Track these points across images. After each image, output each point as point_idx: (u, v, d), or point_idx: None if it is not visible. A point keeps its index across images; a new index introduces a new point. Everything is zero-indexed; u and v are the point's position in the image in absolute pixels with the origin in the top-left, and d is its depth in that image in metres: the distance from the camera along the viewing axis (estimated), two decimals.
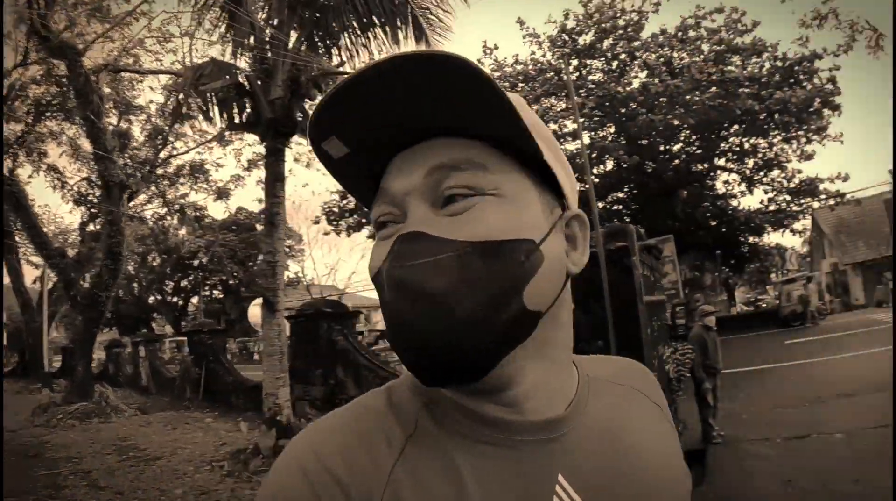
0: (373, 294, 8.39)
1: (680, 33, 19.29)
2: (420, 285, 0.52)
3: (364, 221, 22.05)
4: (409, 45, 7.92)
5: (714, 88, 17.62)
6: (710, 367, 7.37)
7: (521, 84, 19.12)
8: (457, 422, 0.59)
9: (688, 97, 17.85)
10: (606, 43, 19.03)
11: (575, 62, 19.25)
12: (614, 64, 19.51)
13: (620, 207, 23.50)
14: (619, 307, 6.26)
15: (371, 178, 0.61)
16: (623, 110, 19.07)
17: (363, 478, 0.54)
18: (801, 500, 4.89)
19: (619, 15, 18.86)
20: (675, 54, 19.53)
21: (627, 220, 23.00)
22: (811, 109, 18.34)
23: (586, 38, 19.22)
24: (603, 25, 18.74)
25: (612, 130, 20.44)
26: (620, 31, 18.83)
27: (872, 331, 14.73)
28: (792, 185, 21.95)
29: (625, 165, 19.65)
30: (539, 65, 19.43)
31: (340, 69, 8.20)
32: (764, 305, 30.38)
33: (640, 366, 0.80)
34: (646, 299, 6.59)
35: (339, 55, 8.47)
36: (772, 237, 28.36)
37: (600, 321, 6.30)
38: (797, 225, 24.79)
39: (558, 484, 0.58)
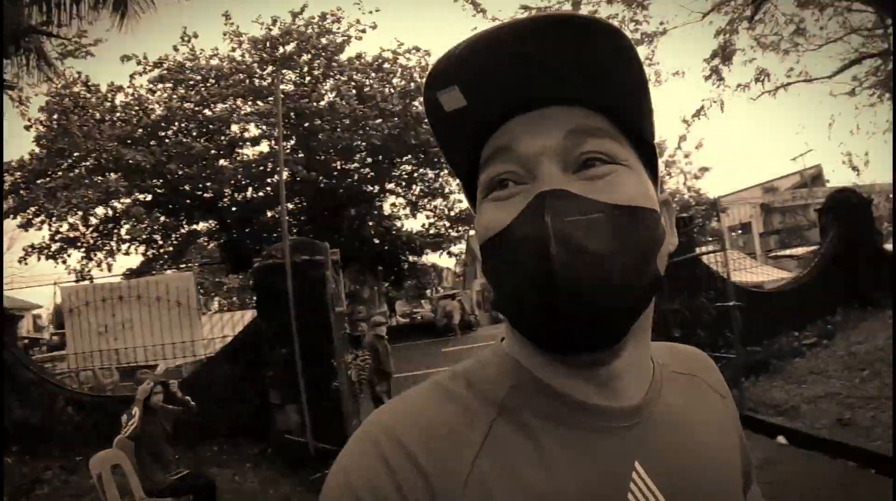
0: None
1: (376, 63, 20.21)
2: (579, 241, 0.49)
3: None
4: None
5: (396, 119, 18.94)
6: (382, 372, 7.92)
7: (211, 80, 18.33)
8: (544, 405, 0.57)
9: (371, 123, 18.84)
10: (305, 57, 19.14)
11: (270, 69, 19.05)
12: (307, 79, 19.75)
13: (289, 218, 23.53)
14: (306, 317, 6.34)
15: (470, 138, 0.59)
16: (307, 124, 19.39)
17: (446, 465, 0.52)
18: None
19: (323, 33, 19.18)
20: (367, 81, 20.37)
21: (295, 231, 23.27)
22: None
23: (287, 49, 19.10)
24: (306, 40, 18.94)
25: (293, 142, 20.58)
26: (321, 50, 19.19)
27: None
28: (452, 213, 24.47)
29: (298, 178, 19.86)
30: (235, 63, 18.77)
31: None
32: (419, 317, 33.19)
33: (703, 355, 0.78)
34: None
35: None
36: (430, 257, 31.30)
37: (284, 329, 6.30)
38: (454, 248, 27.71)
39: (635, 471, 0.57)
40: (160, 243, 21.17)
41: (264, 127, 19.41)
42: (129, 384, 7.37)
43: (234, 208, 21.73)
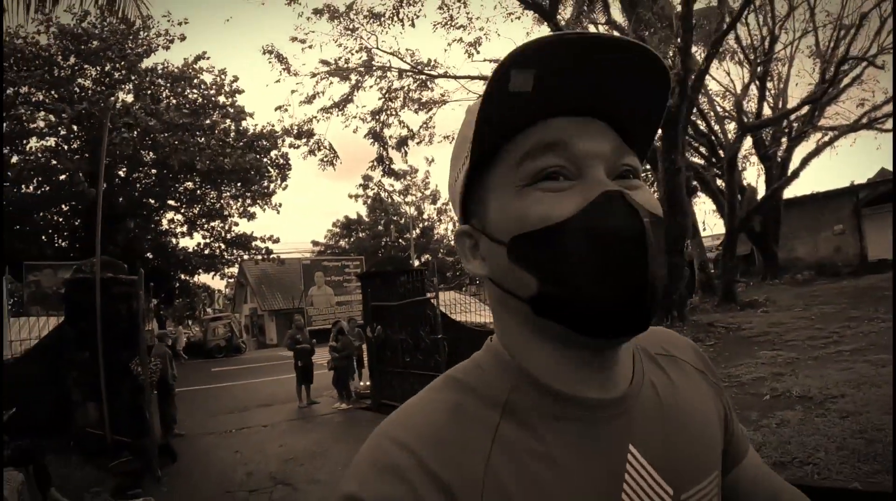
0: None
1: (172, 77, 20.38)
2: (656, 239, 0.56)
3: None
4: None
5: (184, 135, 19.28)
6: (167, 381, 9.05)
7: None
8: (543, 404, 0.61)
9: (159, 136, 18.93)
10: (110, 54, 18.78)
11: (72, 60, 18.33)
12: (106, 79, 19.26)
13: (62, 221, 22.33)
14: (110, 327, 7.30)
15: (504, 119, 0.59)
16: (97, 126, 18.72)
17: (461, 472, 0.55)
18: (245, 463, 6.95)
19: (129, 36, 18.96)
20: (165, 92, 20.46)
21: (65, 237, 22.09)
22: (262, 176, 21.94)
23: (92, 45, 18.53)
24: (112, 40, 18.45)
25: (82, 142, 19.99)
26: (124, 53, 18.85)
27: (282, 364, 17.82)
28: (229, 236, 24.76)
29: (76, 181, 19.00)
30: (35, 48, 17.81)
31: None
32: (189, 338, 32.48)
33: (678, 335, 0.83)
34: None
35: None
36: (202, 278, 30.77)
37: (87, 335, 7.20)
38: (227, 270, 27.94)
39: (629, 453, 0.62)
40: None
41: (52, 118, 18.72)
42: None
43: (4, 202, 19.97)
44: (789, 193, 21.99)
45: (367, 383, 11.15)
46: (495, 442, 0.58)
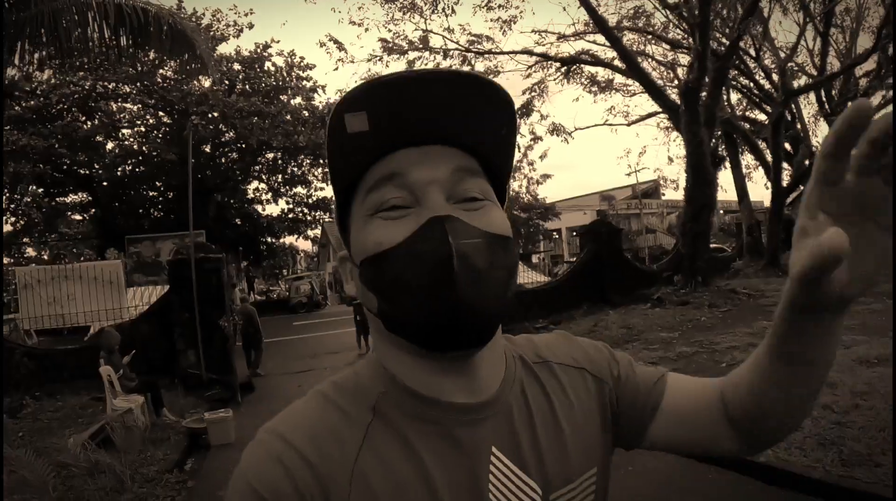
0: None
1: (248, 62, 22.02)
2: (473, 261, 0.58)
3: None
4: None
5: (258, 119, 21.19)
6: (254, 331, 11.38)
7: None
8: (411, 407, 0.65)
9: (236, 121, 20.86)
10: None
11: (152, 55, 20.46)
12: (187, 67, 21.26)
13: (155, 194, 24.70)
14: (204, 294, 9.56)
15: (357, 160, 0.64)
16: (182, 111, 20.77)
17: (332, 461, 0.60)
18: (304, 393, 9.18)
19: (203, 27, 20.18)
20: (240, 76, 22.16)
21: (160, 210, 24.49)
22: None
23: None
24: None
25: (169, 129, 22.01)
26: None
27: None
28: (311, 200, 26.74)
29: (167, 160, 21.07)
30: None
31: None
32: (275, 295, 34.75)
33: (564, 339, 0.85)
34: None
35: None
36: (288, 239, 33.05)
37: (188, 301, 9.48)
38: (310, 232, 30.30)
39: (493, 455, 0.66)
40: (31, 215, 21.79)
41: (140, 107, 20.92)
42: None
43: (105, 183, 22.68)
44: None
45: None
46: (366, 441, 0.63)
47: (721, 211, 36.69)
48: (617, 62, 16.01)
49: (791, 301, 0.58)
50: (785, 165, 19.24)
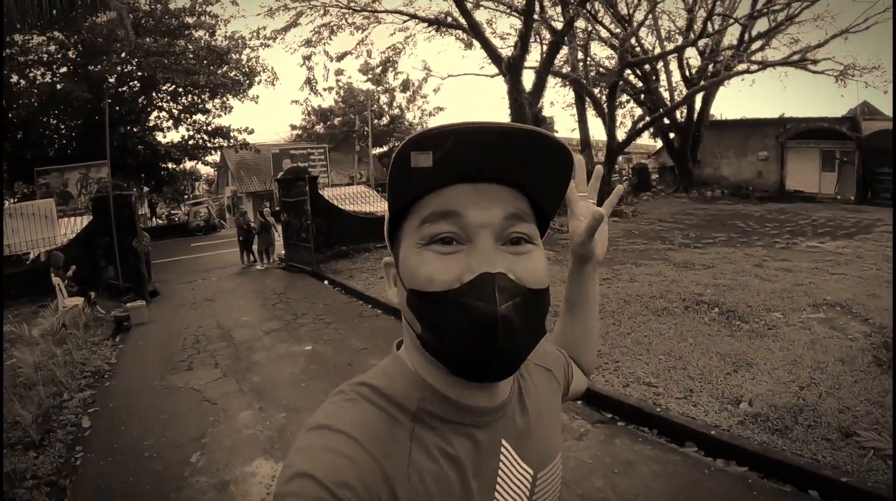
0: None
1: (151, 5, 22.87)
2: (514, 322, 0.64)
3: None
4: None
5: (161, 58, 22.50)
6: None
7: None
8: (446, 412, 0.72)
9: (142, 60, 22.19)
10: None
11: None
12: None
13: (62, 126, 25.22)
14: (120, 222, 12.91)
15: (415, 188, 0.69)
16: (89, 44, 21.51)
17: (390, 455, 0.65)
18: (195, 293, 12.84)
19: None
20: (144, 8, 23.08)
21: (66, 143, 25.00)
22: (232, 85, 25.65)
23: None
24: None
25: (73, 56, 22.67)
26: None
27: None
28: (210, 128, 27.62)
29: (75, 97, 21.81)
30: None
31: None
32: (177, 219, 35.79)
33: (546, 345, 1.02)
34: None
35: None
36: (187, 166, 33.59)
37: (107, 229, 12.90)
38: (209, 158, 31.40)
39: (503, 446, 0.77)
40: None
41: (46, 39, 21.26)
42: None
43: (11, 116, 22.40)
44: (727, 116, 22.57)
45: (283, 252, 16.76)
46: (413, 440, 0.68)
47: None
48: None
49: (574, 252, 0.97)
50: None
